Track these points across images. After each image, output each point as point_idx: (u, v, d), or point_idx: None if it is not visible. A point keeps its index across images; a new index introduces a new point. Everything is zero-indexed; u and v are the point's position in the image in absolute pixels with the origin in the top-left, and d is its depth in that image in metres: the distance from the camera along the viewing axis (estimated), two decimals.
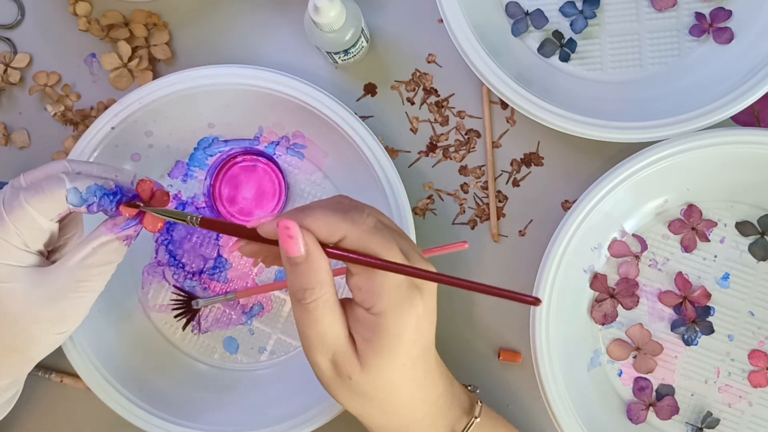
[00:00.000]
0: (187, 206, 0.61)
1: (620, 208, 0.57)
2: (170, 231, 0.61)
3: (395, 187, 0.56)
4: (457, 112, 0.62)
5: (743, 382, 0.58)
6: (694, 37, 0.59)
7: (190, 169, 0.61)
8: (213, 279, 0.61)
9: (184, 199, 0.61)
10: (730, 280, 0.59)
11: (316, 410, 0.56)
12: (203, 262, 0.61)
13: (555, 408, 0.54)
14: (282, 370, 0.60)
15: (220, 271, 0.61)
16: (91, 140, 0.57)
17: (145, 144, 0.59)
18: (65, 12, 0.63)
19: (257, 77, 0.57)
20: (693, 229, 0.59)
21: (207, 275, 0.60)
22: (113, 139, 0.58)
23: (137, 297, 0.61)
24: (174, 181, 0.61)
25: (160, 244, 0.61)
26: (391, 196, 0.56)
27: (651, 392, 0.59)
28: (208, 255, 0.61)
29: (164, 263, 0.61)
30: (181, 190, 0.61)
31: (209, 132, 0.60)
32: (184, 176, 0.61)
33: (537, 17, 0.60)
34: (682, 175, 0.56)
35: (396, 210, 0.56)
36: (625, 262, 0.59)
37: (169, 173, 0.61)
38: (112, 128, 0.57)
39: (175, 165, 0.61)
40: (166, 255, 0.61)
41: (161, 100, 0.57)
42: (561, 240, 0.55)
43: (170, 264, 0.61)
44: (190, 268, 0.61)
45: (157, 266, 0.61)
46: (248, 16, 0.62)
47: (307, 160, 0.61)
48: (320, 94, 0.56)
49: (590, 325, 0.59)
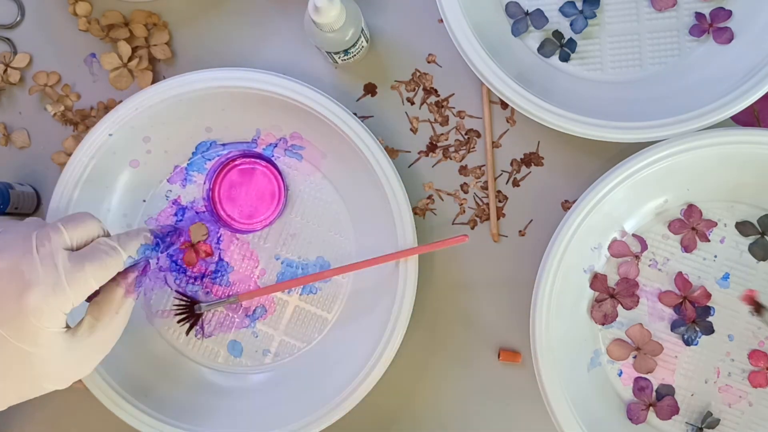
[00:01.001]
0: (187, 211, 0.61)
1: (620, 208, 0.57)
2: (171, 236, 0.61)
3: (395, 187, 0.56)
4: (457, 112, 0.62)
5: (743, 382, 0.58)
6: (694, 37, 0.59)
7: (188, 173, 0.61)
8: (215, 283, 0.60)
9: (184, 204, 0.61)
10: (730, 280, 0.59)
11: (323, 411, 0.55)
12: (205, 266, 0.60)
13: (555, 408, 0.54)
14: (287, 372, 0.60)
15: (221, 275, 0.61)
16: (89, 147, 0.57)
17: (143, 150, 0.60)
18: (65, 12, 0.63)
19: (253, 80, 0.57)
20: (693, 229, 0.59)
21: (209, 279, 0.60)
22: (111, 146, 0.58)
23: (140, 303, 0.61)
24: (173, 186, 0.61)
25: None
26: (391, 196, 0.56)
27: (651, 392, 0.59)
28: (210, 259, 0.61)
29: (166, 268, 0.61)
30: (181, 195, 0.61)
31: (207, 136, 0.61)
32: (183, 181, 0.61)
33: (537, 17, 0.60)
34: (682, 175, 0.56)
35: (396, 210, 0.56)
36: (625, 262, 0.59)
37: (168, 179, 0.61)
38: (110, 135, 0.57)
39: (173, 170, 0.61)
40: (167, 260, 0.61)
41: (158, 106, 0.57)
42: (561, 240, 0.55)
43: (172, 269, 0.61)
44: (192, 272, 0.61)
45: (159, 271, 0.61)
46: (248, 16, 0.62)
47: (305, 161, 0.61)
48: (316, 95, 0.56)
49: (590, 325, 0.59)
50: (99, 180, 0.59)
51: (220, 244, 0.61)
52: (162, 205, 0.61)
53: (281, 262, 0.60)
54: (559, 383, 0.55)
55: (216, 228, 0.60)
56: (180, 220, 0.61)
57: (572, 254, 0.55)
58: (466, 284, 0.61)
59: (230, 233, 0.60)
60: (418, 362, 0.61)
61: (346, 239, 0.60)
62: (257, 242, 0.61)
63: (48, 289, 0.44)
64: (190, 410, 0.58)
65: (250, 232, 0.60)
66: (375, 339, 0.56)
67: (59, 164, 0.63)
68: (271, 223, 0.60)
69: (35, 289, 0.44)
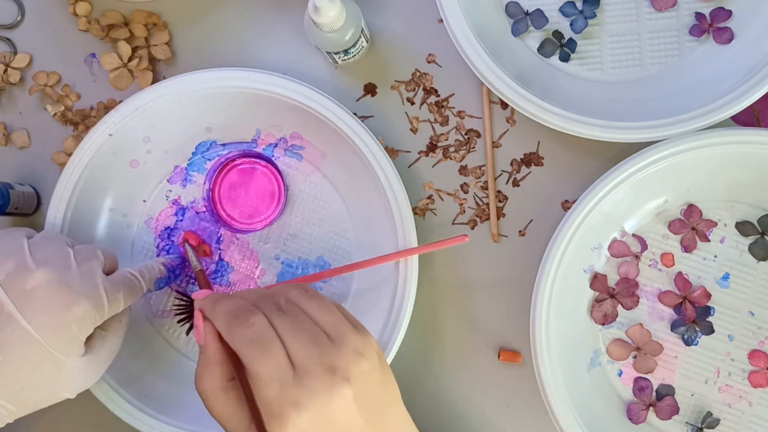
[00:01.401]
0: (187, 211, 0.61)
1: (620, 208, 0.57)
2: (170, 236, 0.61)
3: (395, 187, 0.56)
4: (457, 112, 0.62)
5: (743, 383, 0.58)
6: (694, 37, 0.59)
7: (188, 173, 0.61)
8: (215, 283, 0.60)
9: (184, 204, 0.61)
10: (730, 280, 0.59)
11: None
12: (205, 266, 0.60)
13: (555, 408, 0.54)
14: None
15: (222, 275, 0.61)
16: (89, 147, 0.57)
17: (143, 150, 0.60)
18: (65, 12, 0.63)
19: (253, 80, 0.57)
20: (693, 229, 0.59)
21: (209, 279, 0.60)
22: (111, 146, 0.58)
23: (140, 303, 0.61)
24: (173, 186, 0.61)
25: (161, 250, 0.61)
26: (391, 196, 0.56)
27: (651, 392, 0.59)
28: (210, 259, 0.61)
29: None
30: (181, 195, 0.61)
31: (207, 136, 0.61)
32: (183, 181, 0.61)
33: (537, 17, 0.60)
34: (682, 175, 0.56)
35: (396, 210, 0.56)
36: (625, 262, 0.59)
37: (168, 179, 0.61)
38: (110, 135, 0.57)
39: (173, 170, 0.61)
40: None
41: (158, 106, 0.57)
42: (561, 240, 0.55)
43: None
44: (192, 272, 0.61)
45: None
46: (248, 16, 0.62)
47: (305, 161, 0.61)
48: (316, 94, 0.56)
49: (590, 325, 0.59)
50: (99, 180, 0.59)
51: (220, 244, 0.61)
52: (162, 205, 0.61)
53: (281, 262, 0.60)
54: (559, 383, 0.55)
55: (216, 228, 0.60)
56: (180, 220, 0.61)
57: (572, 254, 0.55)
58: (466, 284, 0.61)
59: (230, 233, 0.60)
60: (418, 362, 0.61)
61: (346, 239, 0.60)
62: (257, 242, 0.61)
63: (92, 303, 0.47)
64: (191, 409, 0.58)
65: (251, 232, 0.60)
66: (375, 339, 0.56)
67: (59, 164, 0.63)
68: (271, 223, 0.60)
69: (84, 302, 0.47)
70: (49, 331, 0.45)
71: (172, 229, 0.61)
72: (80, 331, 0.47)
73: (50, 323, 0.45)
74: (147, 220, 0.61)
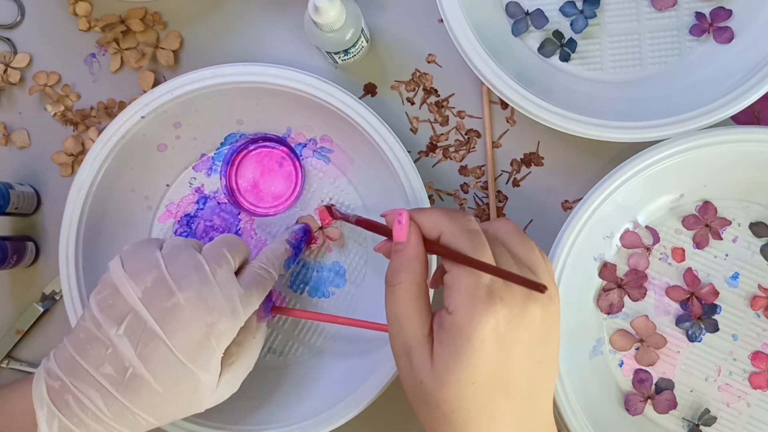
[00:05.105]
0: (209, 200, 0.61)
1: (634, 200, 0.57)
2: (189, 223, 0.61)
3: (420, 200, 0.55)
4: (457, 112, 0.62)
5: (743, 383, 0.58)
6: (695, 37, 0.59)
7: (215, 163, 0.61)
8: None
9: (207, 193, 0.61)
10: (740, 280, 0.59)
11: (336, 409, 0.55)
12: None
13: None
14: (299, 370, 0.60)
15: None
16: (120, 128, 0.56)
17: (172, 135, 0.59)
18: (65, 12, 0.63)
19: (291, 78, 0.56)
20: (707, 226, 0.58)
21: None
22: (141, 128, 0.57)
23: None
24: (198, 174, 0.61)
25: (179, 235, 0.61)
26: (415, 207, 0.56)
27: (650, 385, 0.59)
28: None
29: None
30: (204, 184, 0.61)
31: (237, 128, 0.60)
32: (208, 170, 0.61)
33: (537, 17, 0.60)
34: (699, 171, 0.56)
35: None
36: (636, 253, 0.59)
37: (193, 166, 0.61)
38: (142, 117, 0.57)
39: (200, 158, 0.61)
40: None
41: (193, 93, 0.56)
42: (574, 226, 0.55)
43: None
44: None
45: None
46: (248, 16, 0.62)
47: (332, 165, 0.60)
48: (353, 101, 0.56)
49: (595, 313, 0.59)
50: (125, 160, 0.58)
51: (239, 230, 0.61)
52: (185, 191, 0.61)
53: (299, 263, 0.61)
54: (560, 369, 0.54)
55: (236, 221, 0.60)
56: (201, 208, 0.61)
57: (584, 241, 0.55)
58: None
59: (249, 228, 0.60)
60: None
61: (363, 247, 0.60)
62: None
63: (230, 317, 0.46)
64: None
65: (272, 215, 0.60)
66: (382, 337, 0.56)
67: (59, 164, 0.63)
68: (291, 205, 0.60)
69: (223, 318, 0.46)
70: (189, 348, 0.45)
71: (192, 216, 0.61)
72: (218, 346, 0.46)
73: (190, 340, 0.45)
74: (168, 204, 0.61)
